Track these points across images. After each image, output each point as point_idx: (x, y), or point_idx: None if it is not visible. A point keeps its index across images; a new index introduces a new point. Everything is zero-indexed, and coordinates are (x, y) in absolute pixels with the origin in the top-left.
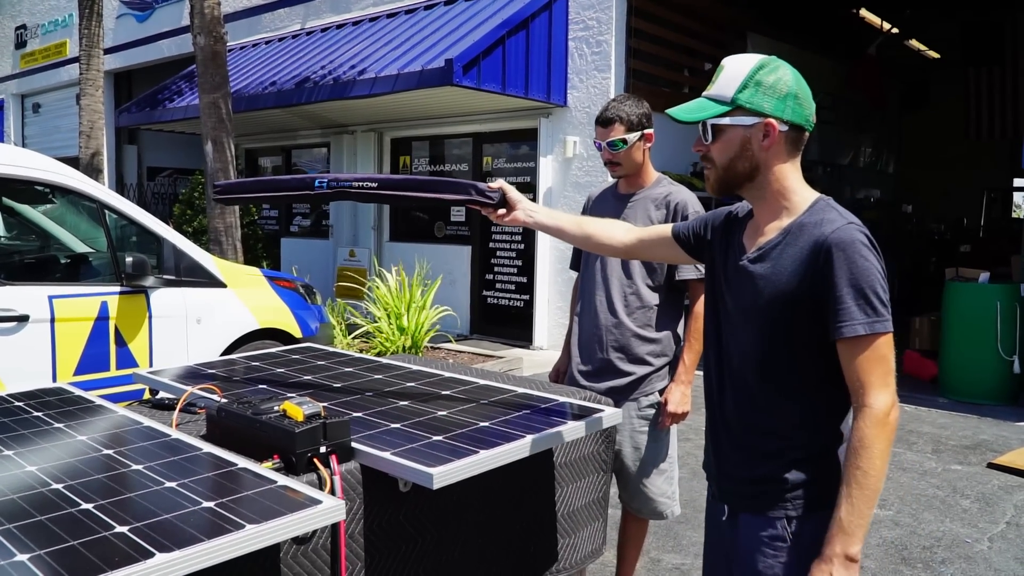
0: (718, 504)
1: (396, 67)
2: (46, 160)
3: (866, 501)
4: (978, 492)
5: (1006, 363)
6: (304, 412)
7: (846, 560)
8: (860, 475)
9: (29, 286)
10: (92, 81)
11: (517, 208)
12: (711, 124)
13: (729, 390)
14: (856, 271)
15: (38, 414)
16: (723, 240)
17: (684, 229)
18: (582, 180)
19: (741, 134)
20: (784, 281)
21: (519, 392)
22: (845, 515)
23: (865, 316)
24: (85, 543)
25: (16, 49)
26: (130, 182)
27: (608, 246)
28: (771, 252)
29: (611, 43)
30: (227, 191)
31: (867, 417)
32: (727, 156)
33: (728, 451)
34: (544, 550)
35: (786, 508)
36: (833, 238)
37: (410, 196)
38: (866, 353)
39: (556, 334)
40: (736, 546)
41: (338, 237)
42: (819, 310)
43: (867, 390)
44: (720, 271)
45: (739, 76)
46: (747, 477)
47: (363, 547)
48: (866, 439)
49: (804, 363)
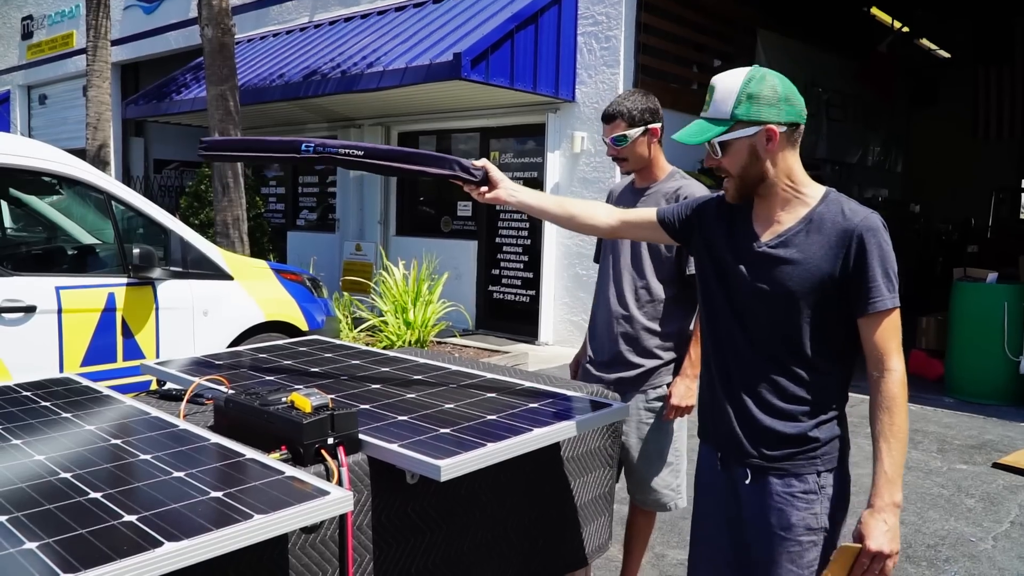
0: (730, 471)
1: (404, 60)
2: (53, 151)
3: (901, 452)
4: (983, 491)
5: (1013, 363)
6: (312, 403)
7: (894, 507)
8: (896, 430)
9: (36, 277)
10: (99, 73)
11: (499, 186)
12: (717, 142)
13: (749, 366)
14: (883, 254)
15: (46, 404)
16: (721, 226)
17: (669, 214)
18: (590, 176)
19: (747, 144)
20: (815, 265)
21: (526, 386)
22: (888, 467)
23: (890, 293)
24: (93, 532)
25: (22, 40)
26: (137, 174)
27: (590, 226)
28: (794, 239)
29: (620, 38)
30: (212, 148)
31: (892, 379)
32: (739, 165)
33: (752, 421)
34: (552, 544)
35: (815, 464)
36: (863, 226)
37: (395, 167)
38: (887, 324)
39: (562, 330)
40: (761, 505)
41: (344, 231)
42: (845, 289)
43: (889, 356)
44: (726, 255)
45: (732, 94)
46: (777, 442)
47: (371, 539)
48: (897, 398)
49: (829, 336)
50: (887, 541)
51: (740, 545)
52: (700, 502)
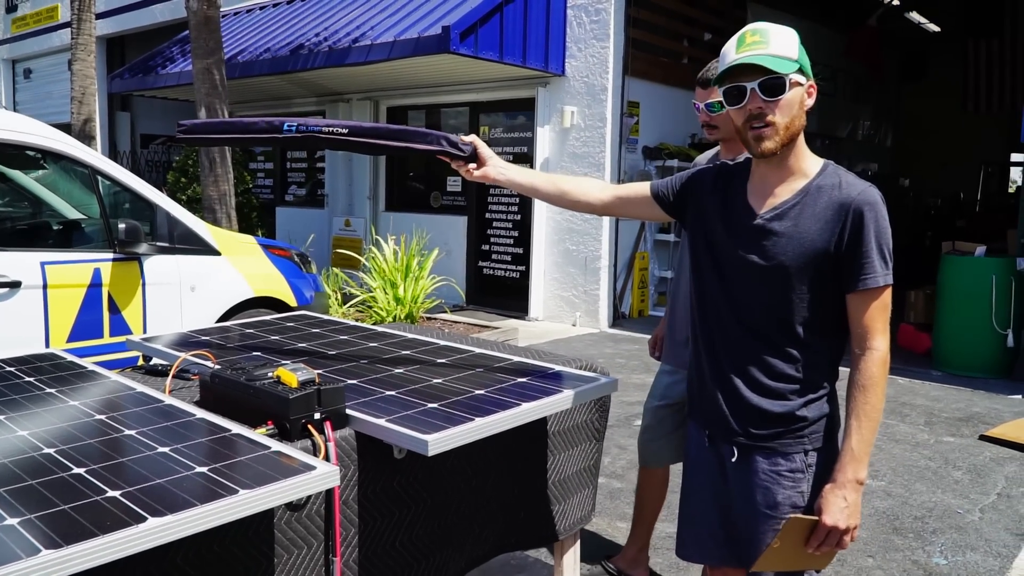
0: (717, 448)
1: (392, 34)
2: (38, 125)
3: (872, 431)
4: (970, 464)
5: (1000, 336)
6: (298, 378)
7: (856, 484)
8: (869, 409)
9: (21, 252)
10: (84, 46)
11: (488, 164)
12: (789, 79)
13: (737, 343)
14: (879, 230)
15: (30, 379)
16: (716, 197)
17: (663, 187)
18: (579, 151)
19: (800, 94)
20: (810, 239)
21: (515, 361)
22: (856, 444)
23: (883, 270)
24: (77, 507)
25: (7, 13)
26: (123, 149)
27: (583, 203)
28: (790, 211)
29: (610, 12)
30: (192, 131)
31: (873, 358)
32: (790, 115)
33: (738, 400)
34: (534, 516)
35: (803, 443)
36: (861, 199)
37: (381, 144)
38: (876, 302)
39: (552, 305)
40: (747, 483)
41: (333, 206)
42: (838, 264)
43: (873, 335)
44: (719, 228)
45: (792, 40)
46: (764, 421)
47: (357, 513)
48: (874, 377)
49: (821, 313)
50: (844, 517)
51: (727, 521)
52: (689, 478)
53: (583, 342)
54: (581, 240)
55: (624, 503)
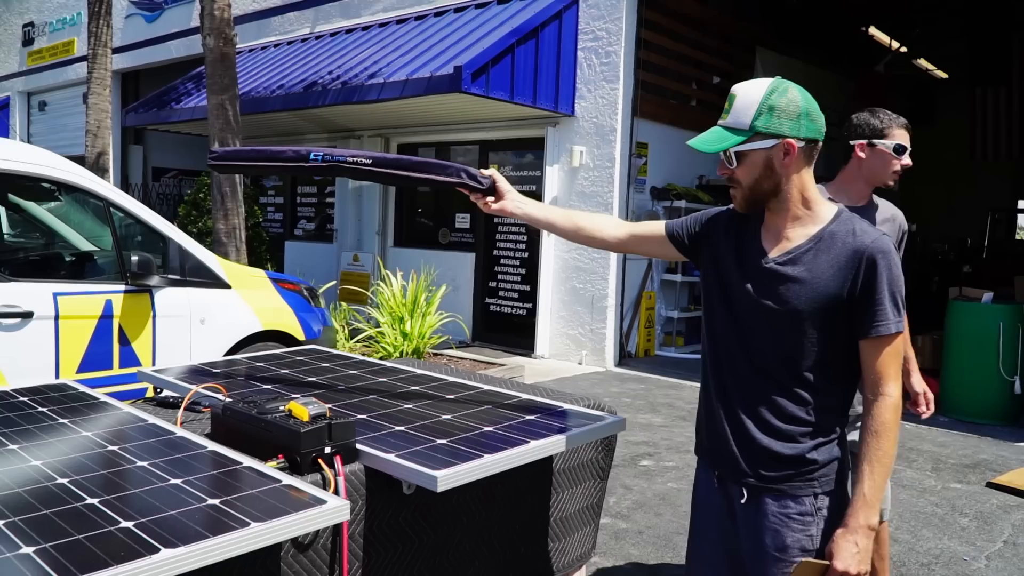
0: (726, 489)
1: (405, 73)
2: (53, 156)
3: (884, 477)
4: (977, 511)
5: (1007, 383)
6: (309, 412)
7: (868, 529)
8: (881, 455)
9: (34, 283)
10: (100, 80)
11: (506, 197)
12: (733, 152)
13: (749, 384)
14: (892, 278)
15: (43, 409)
16: (729, 239)
17: (678, 228)
18: (588, 190)
19: (763, 156)
20: (823, 284)
21: (523, 398)
22: (868, 490)
23: (895, 317)
24: (90, 537)
25: (23, 47)
26: (135, 182)
27: (598, 239)
28: (803, 256)
29: (620, 54)
30: (222, 158)
31: (886, 404)
32: (752, 177)
33: (749, 441)
34: (534, 552)
35: (812, 486)
36: (874, 248)
37: (402, 175)
38: (889, 348)
39: (558, 343)
40: (756, 525)
41: (342, 241)
42: (851, 310)
43: (886, 381)
44: (733, 269)
45: (753, 103)
46: (774, 462)
47: (362, 547)
48: (887, 423)
49: (832, 357)
50: (856, 562)
51: (735, 563)
52: (697, 519)
53: (589, 380)
54: (588, 278)
55: (629, 544)
